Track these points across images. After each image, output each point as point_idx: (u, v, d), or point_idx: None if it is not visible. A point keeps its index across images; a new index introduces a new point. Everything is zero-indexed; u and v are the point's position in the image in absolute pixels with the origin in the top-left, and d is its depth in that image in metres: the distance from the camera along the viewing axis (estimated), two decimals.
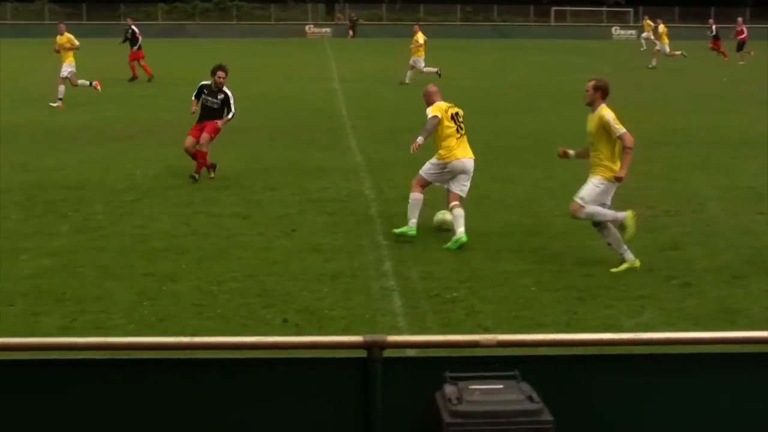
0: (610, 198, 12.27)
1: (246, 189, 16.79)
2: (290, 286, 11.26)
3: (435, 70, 36.73)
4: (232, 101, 17.87)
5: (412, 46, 38.47)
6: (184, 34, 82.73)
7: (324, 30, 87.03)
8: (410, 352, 5.82)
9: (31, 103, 30.02)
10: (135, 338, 5.55)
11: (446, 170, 13.75)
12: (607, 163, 12.08)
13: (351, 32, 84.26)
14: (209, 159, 17.72)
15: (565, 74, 42.21)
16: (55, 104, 28.72)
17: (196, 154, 17.53)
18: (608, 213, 12.13)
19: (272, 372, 5.11)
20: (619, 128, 11.91)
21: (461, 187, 13.66)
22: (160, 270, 11.87)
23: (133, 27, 40.36)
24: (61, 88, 29.35)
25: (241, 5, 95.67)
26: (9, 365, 5.15)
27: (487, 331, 9.50)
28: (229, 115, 17.85)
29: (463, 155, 13.74)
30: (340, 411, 5.12)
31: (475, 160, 13.92)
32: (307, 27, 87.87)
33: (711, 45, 51.42)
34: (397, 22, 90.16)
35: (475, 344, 5.07)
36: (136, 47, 39.62)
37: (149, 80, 38.49)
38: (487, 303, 10.72)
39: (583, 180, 12.39)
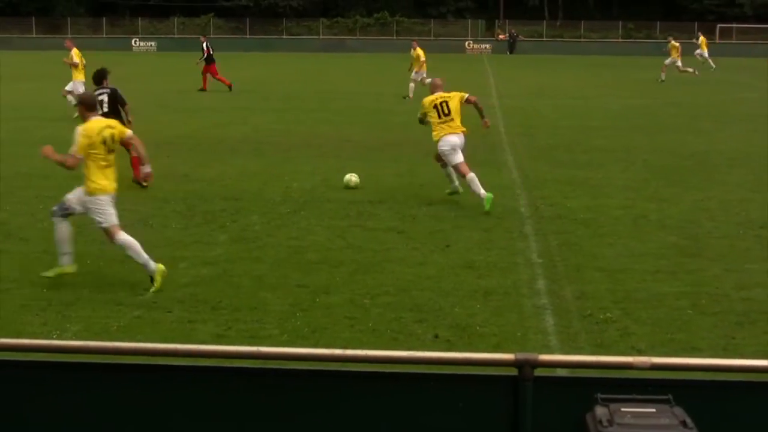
0: None
1: (401, 204, 16.83)
2: (442, 302, 11.23)
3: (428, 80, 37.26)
4: None
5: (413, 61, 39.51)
6: (344, 49, 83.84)
7: (483, 46, 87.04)
8: (561, 372, 5.72)
9: (194, 114, 30.79)
10: (288, 348, 5.59)
11: (444, 148, 16.76)
12: None
13: (510, 48, 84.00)
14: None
15: (728, 92, 41.24)
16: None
17: None
18: None
19: (422, 387, 5.09)
20: None
21: (459, 157, 16.66)
22: (314, 282, 11.98)
23: (206, 44, 42.12)
24: (69, 98, 29.88)
25: (401, 20, 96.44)
26: (165, 369, 5.25)
27: (640, 353, 9.29)
28: None
29: (448, 132, 16.81)
30: (489, 429, 5.06)
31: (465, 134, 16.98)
32: (466, 43, 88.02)
33: None
34: (557, 39, 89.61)
35: (628, 366, 4.95)
36: (203, 59, 41.51)
37: (200, 90, 40.25)
38: (642, 325, 10.49)
39: (746, 201, 12.05)
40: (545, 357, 5.02)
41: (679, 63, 49.57)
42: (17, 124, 27.94)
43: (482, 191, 15.93)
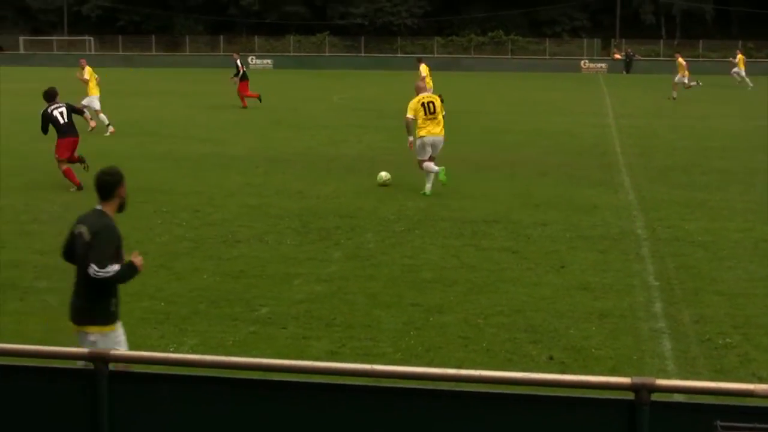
0: None
1: (516, 223, 16.73)
2: (557, 323, 11.12)
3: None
4: None
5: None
6: (458, 68, 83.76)
7: (599, 65, 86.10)
8: (679, 398, 5.62)
9: (309, 131, 31.06)
10: (401, 367, 5.57)
11: (425, 144, 19.56)
12: None
13: (627, 68, 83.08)
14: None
15: None
16: (107, 133, 30.05)
17: None
18: None
19: (537, 409, 5.04)
20: None
21: (435, 152, 19.75)
22: (428, 301, 11.97)
23: (238, 61, 42.42)
24: (102, 116, 30.66)
25: (516, 39, 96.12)
26: (279, 385, 5.29)
27: (761, 380, 9.08)
28: None
29: (431, 131, 19.66)
30: None
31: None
32: (582, 62, 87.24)
33: None
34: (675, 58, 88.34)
35: (749, 394, 4.83)
36: (238, 77, 41.67)
37: (242, 107, 40.49)
38: (763, 351, 10.25)
39: None
40: (662, 382, 4.93)
41: (685, 80, 49.61)
42: (137, 140, 28.53)
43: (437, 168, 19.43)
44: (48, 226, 16.17)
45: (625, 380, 4.88)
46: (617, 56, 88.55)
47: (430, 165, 19.49)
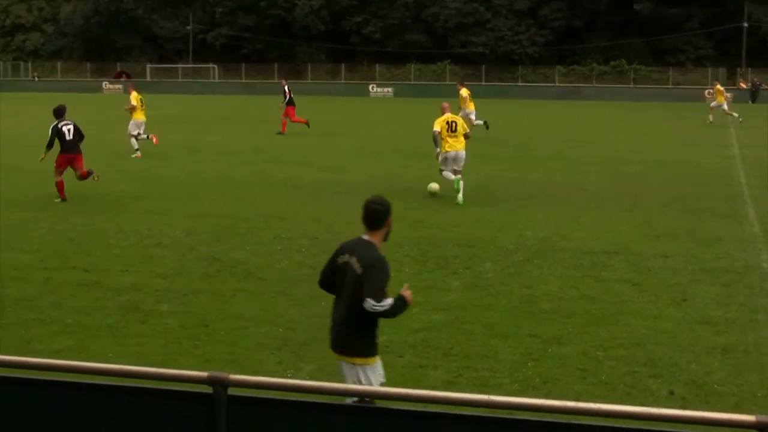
0: None
1: (637, 255, 16.48)
2: (678, 357, 10.90)
3: (482, 122, 40.59)
4: None
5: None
6: (579, 97, 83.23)
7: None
8: None
9: (428, 160, 31.02)
10: (518, 398, 5.51)
11: (448, 159, 22.82)
12: None
13: (753, 97, 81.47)
14: None
15: None
16: (133, 156, 31.77)
17: None
18: None
19: None
20: None
21: (458, 166, 22.70)
22: (546, 332, 11.85)
23: (286, 87, 43.36)
24: (133, 141, 32.52)
25: (639, 68, 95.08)
26: (395, 414, 5.28)
27: None
28: None
29: (452, 147, 22.78)
30: None
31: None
32: (706, 91, 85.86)
33: None
34: None
35: None
36: (285, 103, 42.71)
37: (279, 134, 41.47)
38: None
39: None
40: None
41: (725, 106, 52.38)
42: (258, 167, 28.91)
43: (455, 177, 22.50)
44: (170, 250, 16.47)
45: (749, 418, 4.76)
46: (743, 85, 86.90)
47: (449, 174, 22.81)
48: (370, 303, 7.62)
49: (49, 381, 5.53)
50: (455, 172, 22.55)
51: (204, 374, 5.30)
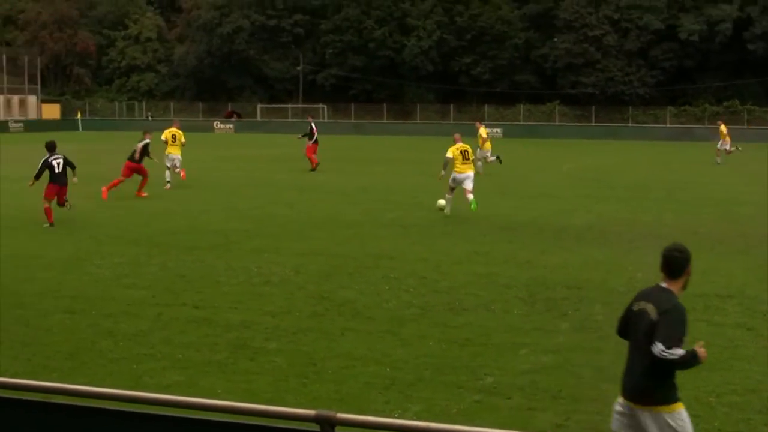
0: None
1: (751, 299, 16.10)
2: None
3: (494, 158, 44.21)
4: None
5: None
6: (691, 137, 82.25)
7: None
8: None
9: (536, 201, 30.94)
10: None
11: (455, 179, 26.99)
12: None
13: None
14: None
15: None
16: (166, 187, 33.99)
17: None
18: None
19: None
20: None
21: (468, 186, 26.75)
22: None
23: (312, 123, 45.30)
24: (168, 173, 34.66)
25: (752, 109, 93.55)
26: None
27: None
28: None
29: (462, 170, 26.95)
30: None
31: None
32: None
33: None
34: None
35: None
36: (312, 141, 44.26)
37: (312, 170, 43.07)
38: None
39: None
40: None
41: (727, 146, 53.81)
42: (366, 206, 29.05)
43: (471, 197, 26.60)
44: (279, 288, 16.58)
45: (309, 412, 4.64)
46: None
47: (449, 198, 27.07)
48: (659, 348, 7.37)
49: (159, 416, 5.58)
50: (465, 191, 26.69)
51: (311, 412, 5.30)
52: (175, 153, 35.35)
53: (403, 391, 10.99)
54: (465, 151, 27.33)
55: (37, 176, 24.84)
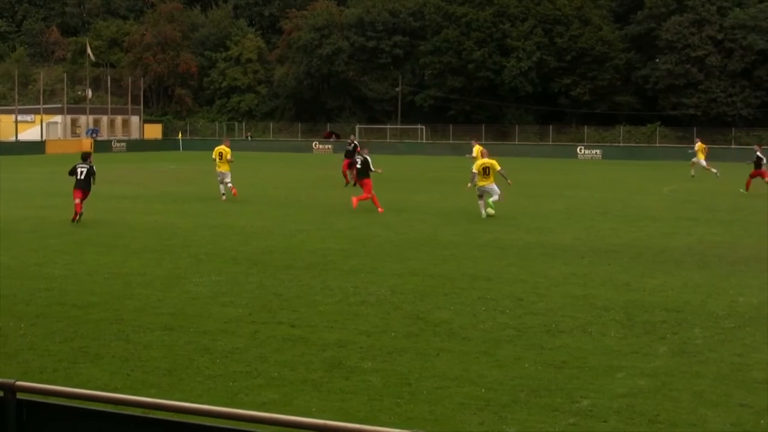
0: None
1: None
2: None
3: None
4: None
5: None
6: None
7: None
8: None
9: (636, 223, 30.58)
10: None
11: (480, 191, 31.60)
12: None
13: None
14: None
15: None
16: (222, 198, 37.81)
17: None
18: None
19: None
20: None
21: (492, 197, 31.17)
22: (759, 402, 11.38)
23: (356, 142, 48.34)
24: (222, 187, 38.42)
25: None
26: None
27: None
28: None
29: (484, 183, 31.34)
30: None
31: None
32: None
33: None
34: None
35: None
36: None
37: (346, 185, 45.79)
38: None
39: None
40: None
41: (704, 162, 56.14)
42: (464, 227, 28.99)
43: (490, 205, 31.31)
44: (375, 308, 16.62)
45: None
46: None
47: (482, 203, 31.75)
48: None
49: None
50: (489, 196, 31.36)
51: None
52: (223, 170, 38.32)
53: (498, 413, 10.92)
54: (487, 168, 31.58)
55: (70, 173, 29.91)
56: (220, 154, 38.52)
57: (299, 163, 76.06)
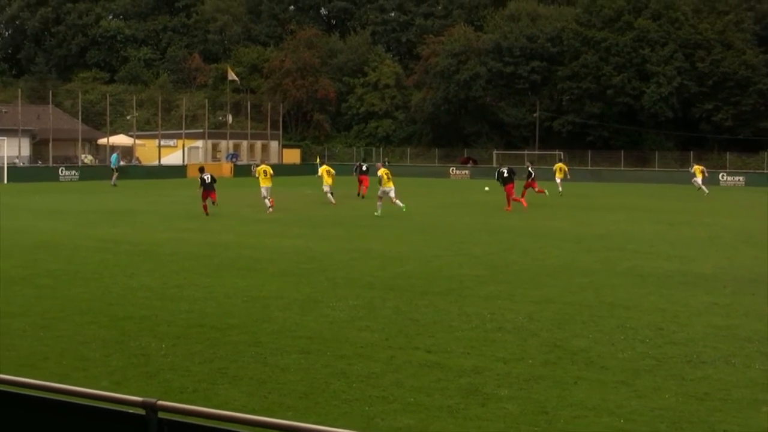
0: None
1: None
2: None
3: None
4: None
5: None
6: None
7: None
8: None
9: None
10: None
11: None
12: None
13: None
14: None
15: None
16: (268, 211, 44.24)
17: None
18: None
19: None
20: None
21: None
22: None
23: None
24: (266, 201, 44.99)
25: None
26: None
27: None
28: None
29: None
30: None
31: None
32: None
33: None
34: None
35: None
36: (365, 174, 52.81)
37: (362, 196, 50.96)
38: None
39: None
40: None
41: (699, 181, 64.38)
42: (602, 254, 28.60)
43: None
44: (511, 335, 16.48)
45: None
46: None
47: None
48: None
49: None
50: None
51: None
52: (266, 185, 45.28)
53: None
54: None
55: (201, 184, 41.93)
56: (265, 172, 45.61)
57: (437, 188, 76.20)
